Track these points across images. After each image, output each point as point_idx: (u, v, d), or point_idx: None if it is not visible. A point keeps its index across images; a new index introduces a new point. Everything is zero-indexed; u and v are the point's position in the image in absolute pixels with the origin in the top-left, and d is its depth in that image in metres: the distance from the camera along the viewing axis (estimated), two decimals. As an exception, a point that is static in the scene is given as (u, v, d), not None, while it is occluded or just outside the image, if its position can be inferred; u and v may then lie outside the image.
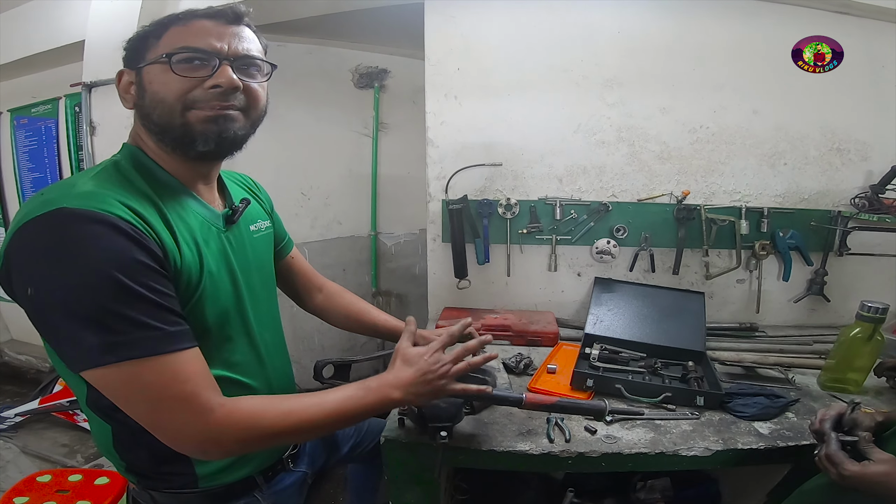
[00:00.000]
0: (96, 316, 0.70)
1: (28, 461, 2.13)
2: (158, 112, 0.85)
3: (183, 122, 0.85)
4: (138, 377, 0.74)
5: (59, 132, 2.64)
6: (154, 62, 0.84)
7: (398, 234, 3.19)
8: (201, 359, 0.81)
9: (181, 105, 0.84)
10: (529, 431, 1.19)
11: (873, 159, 1.83)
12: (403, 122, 2.97)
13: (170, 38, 0.85)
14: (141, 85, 0.86)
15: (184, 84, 0.84)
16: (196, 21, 0.87)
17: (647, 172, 1.87)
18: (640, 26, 1.79)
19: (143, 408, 0.77)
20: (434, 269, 2.01)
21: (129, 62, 0.88)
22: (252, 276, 1.02)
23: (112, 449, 0.92)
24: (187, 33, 0.85)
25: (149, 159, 0.89)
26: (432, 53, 1.84)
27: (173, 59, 0.83)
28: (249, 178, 1.21)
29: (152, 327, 0.74)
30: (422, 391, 0.96)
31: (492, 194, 1.91)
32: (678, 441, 1.17)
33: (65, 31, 2.34)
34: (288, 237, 1.30)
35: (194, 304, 0.85)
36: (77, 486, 1.58)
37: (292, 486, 1.15)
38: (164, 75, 0.84)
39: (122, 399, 0.77)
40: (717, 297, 1.94)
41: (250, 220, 1.08)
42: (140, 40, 0.87)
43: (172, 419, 0.77)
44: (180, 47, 0.84)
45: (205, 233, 0.91)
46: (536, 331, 1.75)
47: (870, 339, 1.36)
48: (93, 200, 0.73)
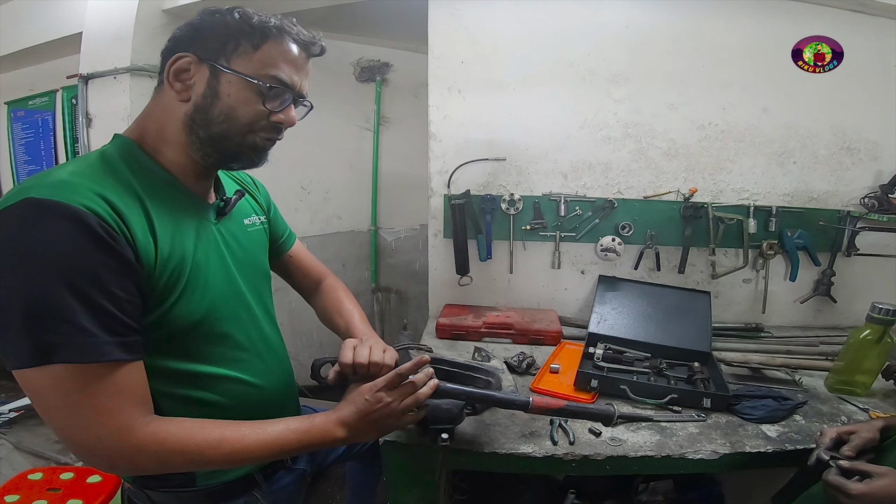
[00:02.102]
0: (33, 315, 0.67)
1: (21, 458, 2.10)
2: (224, 126, 0.83)
3: (239, 144, 0.85)
4: (63, 382, 0.69)
5: (55, 124, 2.61)
6: (244, 76, 0.81)
7: (398, 229, 3.16)
8: (140, 374, 0.77)
9: (247, 129, 0.85)
10: (532, 433, 1.17)
11: (884, 159, 1.81)
12: (405, 116, 2.94)
13: (266, 54, 0.83)
14: (215, 89, 0.82)
15: (260, 113, 0.84)
16: (289, 43, 0.85)
17: (654, 169, 1.84)
18: (648, 21, 1.76)
19: (57, 413, 0.72)
20: (435, 266, 1.99)
21: (204, 52, 0.82)
22: (246, 268, 1.00)
23: None
24: (281, 58, 0.84)
25: (145, 155, 0.84)
26: (436, 46, 1.81)
27: (271, 91, 0.83)
28: (247, 175, 1.19)
29: (92, 334, 0.69)
30: (366, 430, 0.93)
31: (495, 189, 1.88)
32: (684, 444, 1.15)
33: (62, 23, 2.31)
34: (289, 232, 1.27)
35: (179, 297, 0.82)
36: (69, 484, 1.56)
37: (291, 485, 1.13)
38: (249, 96, 0.82)
39: (40, 401, 0.72)
40: (723, 296, 1.92)
41: (244, 214, 1.06)
42: (230, 35, 0.82)
43: (88, 430, 0.73)
44: (273, 75, 0.83)
45: (195, 225, 0.89)
46: (539, 329, 1.73)
47: (879, 341, 1.34)
48: (64, 191, 0.69)
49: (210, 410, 0.89)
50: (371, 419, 0.92)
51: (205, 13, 0.84)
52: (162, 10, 2.09)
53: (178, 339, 0.83)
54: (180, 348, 0.81)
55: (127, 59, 2.01)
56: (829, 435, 1.01)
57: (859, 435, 0.99)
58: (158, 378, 0.82)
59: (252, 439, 0.83)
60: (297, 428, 0.87)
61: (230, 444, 0.81)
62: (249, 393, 0.97)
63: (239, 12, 0.83)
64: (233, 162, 0.89)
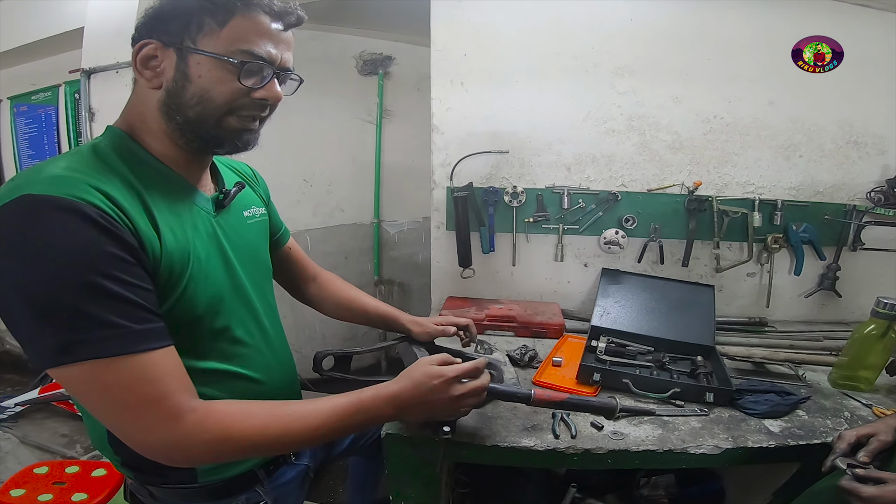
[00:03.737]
0: (56, 313, 0.65)
1: (27, 451, 2.12)
2: (199, 109, 0.80)
3: (217, 125, 0.82)
4: (98, 378, 0.68)
5: (58, 119, 2.62)
6: (213, 55, 0.77)
7: (401, 221, 3.17)
8: (175, 358, 0.76)
9: (225, 109, 0.81)
10: (534, 426, 1.16)
11: (891, 153, 1.79)
12: (407, 109, 2.93)
13: (234, 29, 0.78)
14: (184, 72, 0.78)
15: (237, 91, 0.80)
16: (260, 16, 0.80)
17: (658, 162, 1.83)
18: (653, 14, 1.75)
19: (104, 410, 0.72)
20: (438, 258, 1.98)
21: (168, 36, 0.78)
22: (246, 260, 0.99)
23: (106, 444, 0.89)
24: (252, 31, 0.79)
25: (136, 145, 0.83)
26: (438, 38, 1.80)
27: (245, 67, 0.78)
28: (248, 167, 1.18)
29: (116, 325, 0.68)
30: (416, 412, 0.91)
31: (498, 182, 1.87)
32: (687, 438, 1.14)
33: (64, 18, 2.32)
34: (284, 228, 1.26)
35: (182, 292, 0.81)
36: (74, 477, 1.56)
37: (294, 480, 1.12)
38: (223, 76, 0.78)
39: (84, 399, 0.72)
40: (727, 290, 1.91)
41: (243, 206, 1.03)
42: (192, 15, 0.77)
43: (136, 423, 0.72)
44: (245, 50, 0.78)
45: (193, 217, 0.87)
46: (542, 322, 1.72)
47: (884, 336, 1.33)
48: (61, 185, 0.67)
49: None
50: (429, 404, 0.90)
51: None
52: (163, 3, 2.08)
53: (180, 335, 0.80)
54: (181, 344, 0.79)
55: (128, 53, 1.98)
56: (847, 439, 1.00)
57: (877, 438, 0.98)
58: None
59: (299, 425, 0.81)
60: (344, 411, 0.84)
61: (276, 429, 0.79)
62: (251, 388, 0.95)
63: None
64: (217, 146, 0.86)
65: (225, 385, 0.91)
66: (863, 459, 0.95)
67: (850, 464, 0.95)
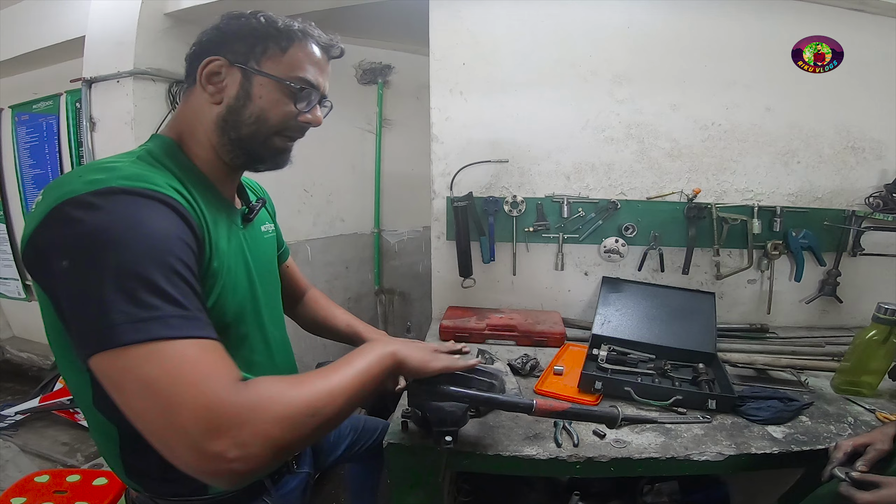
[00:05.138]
0: (132, 292, 0.63)
1: (28, 460, 2.11)
2: (254, 128, 0.85)
3: (265, 144, 0.87)
4: (157, 360, 0.63)
5: (60, 128, 2.62)
6: (275, 78, 0.84)
7: (401, 231, 3.17)
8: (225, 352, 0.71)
9: (275, 130, 0.87)
10: (536, 435, 1.16)
11: (888, 158, 1.80)
12: (407, 118, 2.95)
13: (293, 57, 0.85)
14: (247, 91, 0.84)
15: (289, 113, 0.86)
16: (312, 46, 0.88)
17: (657, 170, 1.83)
18: (650, 21, 1.76)
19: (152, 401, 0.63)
20: (438, 268, 1.98)
21: (234, 55, 0.84)
22: (263, 274, 1.02)
23: (117, 454, 0.87)
24: (306, 60, 0.86)
25: (183, 154, 0.86)
26: (437, 48, 1.81)
27: (301, 92, 0.85)
28: (257, 184, 1.20)
29: (186, 307, 0.66)
30: (415, 351, 0.95)
31: (498, 191, 1.88)
32: (689, 445, 1.14)
33: (66, 27, 2.33)
34: (285, 246, 1.29)
35: (217, 300, 0.82)
36: (75, 486, 1.56)
37: (297, 489, 1.13)
38: (280, 98, 0.85)
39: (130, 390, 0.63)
40: (728, 297, 1.91)
41: (262, 221, 1.08)
42: (258, 39, 0.84)
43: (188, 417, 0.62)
44: (301, 77, 0.85)
45: (227, 229, 0.90)
46: (542, 331, 1.72)
47: (885, 341, 1.34)
48: (143, 181, 0.70)
49: None
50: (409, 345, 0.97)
51: (229, 17, 0.86)
52: (164, 14, 2.10)
53: None
54: None
55: (130, 62, 2.02)
56: (844, 449, 1.01)
57: (874, 447, 0.99)
58: None
59: (336, 383, 0.77)
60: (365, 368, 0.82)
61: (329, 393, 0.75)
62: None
63: (263, 16, 0.85)
64: (259, 163, 0.91)
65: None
66: (861, 469, 0.95)
67: (847, 472, 0.95)
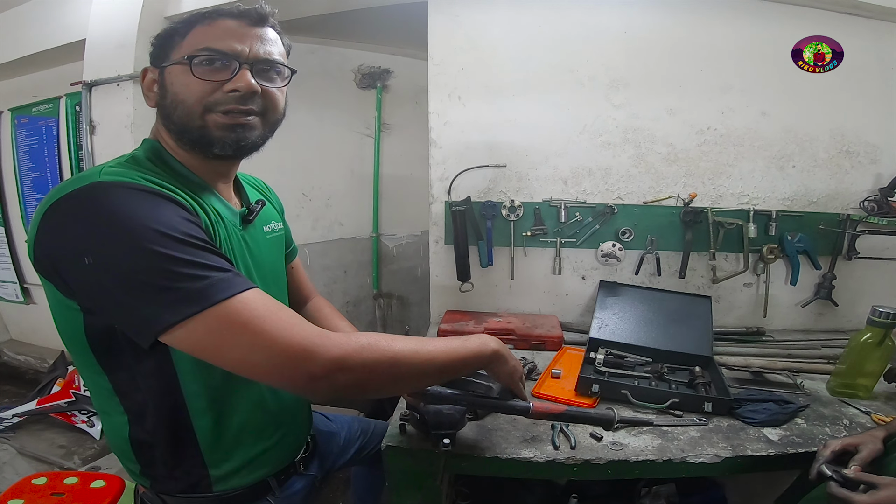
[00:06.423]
0: (170, 270, 0.69)
1: (25, 462, 2.11)
2: (178, 113, 0.86)
3: (202, 125, 0.86)
4: (248, 308, 0.72)
5: (59, 131, 2.62)
6: (176, 63, 0.85)
7: (400, 235, 3.17)
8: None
9: (201, 108, 0.85)
10: (534, 438, 1.17)
11: (883, 162, 1.81)
12: (406, 122, 2.96)
13: (194, 37, 0.86)
14: (163, 84, 0.87)
15: (203, 87, 0.84)
16: (221, 21, 0.87)
17: (654, 174, 1.84)
18: (647, 26, 1.77)
19: (246, 347, 0.72)
20: (436, 272, 1.99)
21: (154, 60, 0.89)
22: (266, 276, 1.02)
23: (128, 444, 0.90)
24: (211, 34, 0.85)
25: (169, 155, 0.89)
26: (436, 53, 1.82)
27: (194, 61, 0.83)
28: (262, 182, 1.21)
29: (227, 269, 0.74)
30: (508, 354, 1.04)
31: (495, 196, 1.89)
32: (686, 448, 1.15)
33: (66, 30, 2.33)
34: (294, 246, 1.29)
35: None
36: (73, 489, 1.55)
37: (303, 490, 1.14)
38: (185, 77, 0.84)
39: (229, 341, 0.72)
40: (724, 301, 1.92)
41: (265, 221, 1.08)
42: (166, 38, 0.88)
43: (293, 335, 0.73)
44: (201, 49, 0.84)
45: (226, 230, 0.91)
46: (540, 335, 1.73)
47: (881, 344, 1.34)
48: (125, 178, 0.76)
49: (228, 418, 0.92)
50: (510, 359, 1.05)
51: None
52: (164, 18, 2.11)
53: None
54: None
55: (130, 66, 2.03)
56: (832, 448, 1.00)
57: (865, 447, 0.98)
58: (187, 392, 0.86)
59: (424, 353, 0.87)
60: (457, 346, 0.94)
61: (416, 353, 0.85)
62: (265, 398, 0.98)
63: (180, 19, 0.90)
64: (208, 146, 0.88)
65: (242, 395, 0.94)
66: (854, 470, 0.94)
67: (835, 470, 0.94)
